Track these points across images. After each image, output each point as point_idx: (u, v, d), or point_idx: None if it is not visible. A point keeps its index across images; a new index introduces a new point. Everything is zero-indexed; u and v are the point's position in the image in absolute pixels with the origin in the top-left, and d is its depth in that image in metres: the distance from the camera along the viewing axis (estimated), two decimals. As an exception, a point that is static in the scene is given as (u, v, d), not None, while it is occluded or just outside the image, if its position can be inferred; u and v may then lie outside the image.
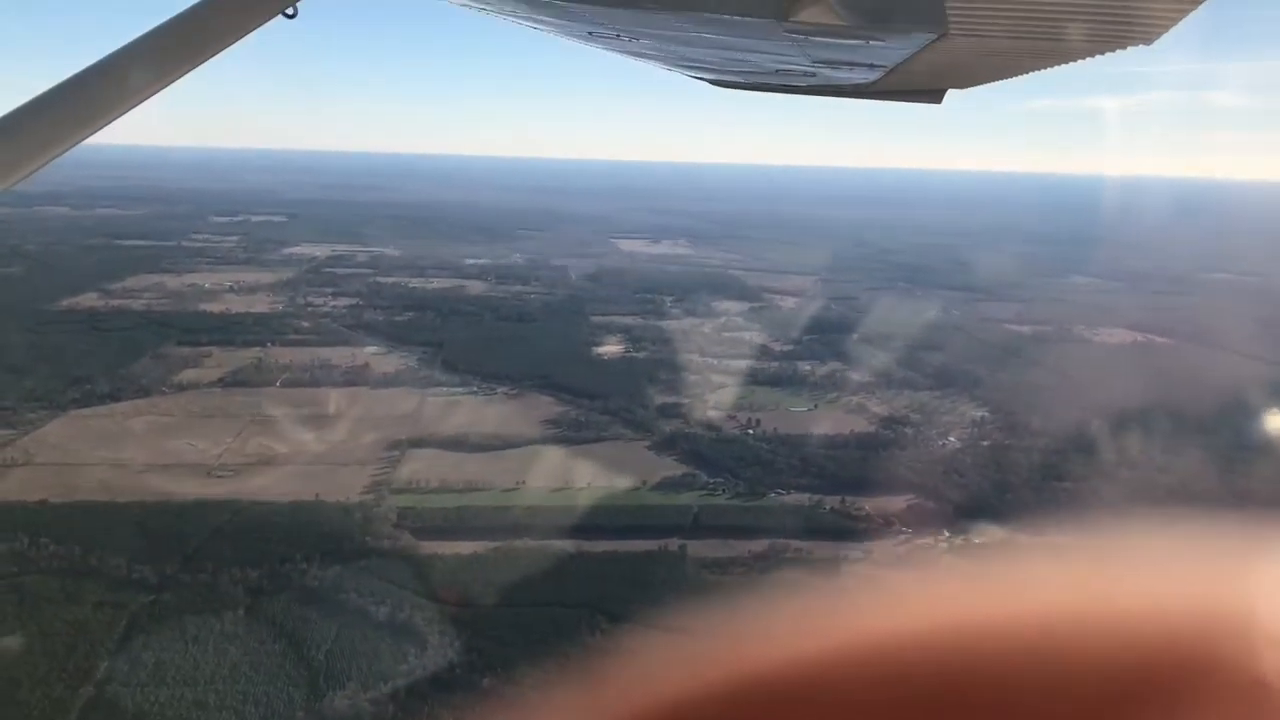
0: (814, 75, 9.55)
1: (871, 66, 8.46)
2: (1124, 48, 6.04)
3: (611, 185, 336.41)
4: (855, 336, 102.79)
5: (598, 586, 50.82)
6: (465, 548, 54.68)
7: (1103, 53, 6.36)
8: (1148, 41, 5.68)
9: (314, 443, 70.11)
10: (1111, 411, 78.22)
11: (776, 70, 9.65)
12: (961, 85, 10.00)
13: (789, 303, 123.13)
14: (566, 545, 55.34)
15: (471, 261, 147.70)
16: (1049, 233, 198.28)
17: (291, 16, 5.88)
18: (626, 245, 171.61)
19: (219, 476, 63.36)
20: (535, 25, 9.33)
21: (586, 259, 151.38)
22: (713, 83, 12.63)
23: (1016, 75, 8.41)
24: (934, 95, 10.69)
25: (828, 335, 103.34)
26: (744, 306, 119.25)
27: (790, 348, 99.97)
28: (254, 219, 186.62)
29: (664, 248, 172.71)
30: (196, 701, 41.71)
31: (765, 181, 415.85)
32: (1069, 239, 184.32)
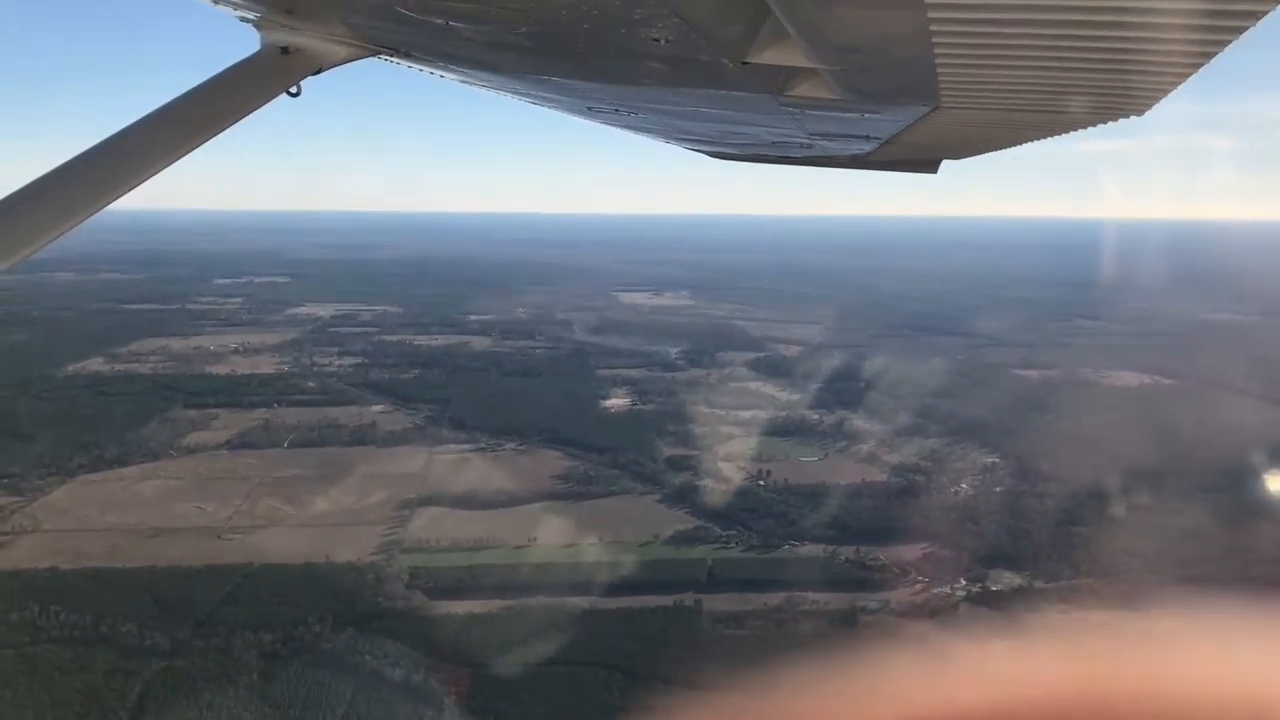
0: (810, 147, 9.63)
1: (867, 138, 8.54)
2: (1115, 119, 6.08)
3: (610, 239, 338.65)
4: (862, 385, 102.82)
5: (613, 643, 50.29)
6: (478, 607, 54.20)
7: (1095, 124, 6.41)
8: (1140, 112, 5.70)
9: (323, 503, 69.83)
10: (1124, 456, 77.99)
11: (773, 142, 9.73)
12: (955, 156, 10.09)
13: (794, 351, 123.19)
14: (580, 602, 54.81)
15: (475, 317, 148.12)
16: (1051, 277, 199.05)
17: (295, 95, 5.97)
18: (629, 298, 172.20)
19: (229, 540, 62.98)
20: (536, 101, 9.40)
21: (589, 312, 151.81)
22: (710, 154, 12.76)
23: (1010, 146, 8.47)
24: (929, 166, 10.80)
25: (834, 384, 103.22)
26: (749, 357, 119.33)
27: (797, 397, 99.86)
28: (257, 280, 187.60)
29: (666, 300, 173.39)
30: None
31: (764, 233, 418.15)
32: (1071, 283, 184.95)
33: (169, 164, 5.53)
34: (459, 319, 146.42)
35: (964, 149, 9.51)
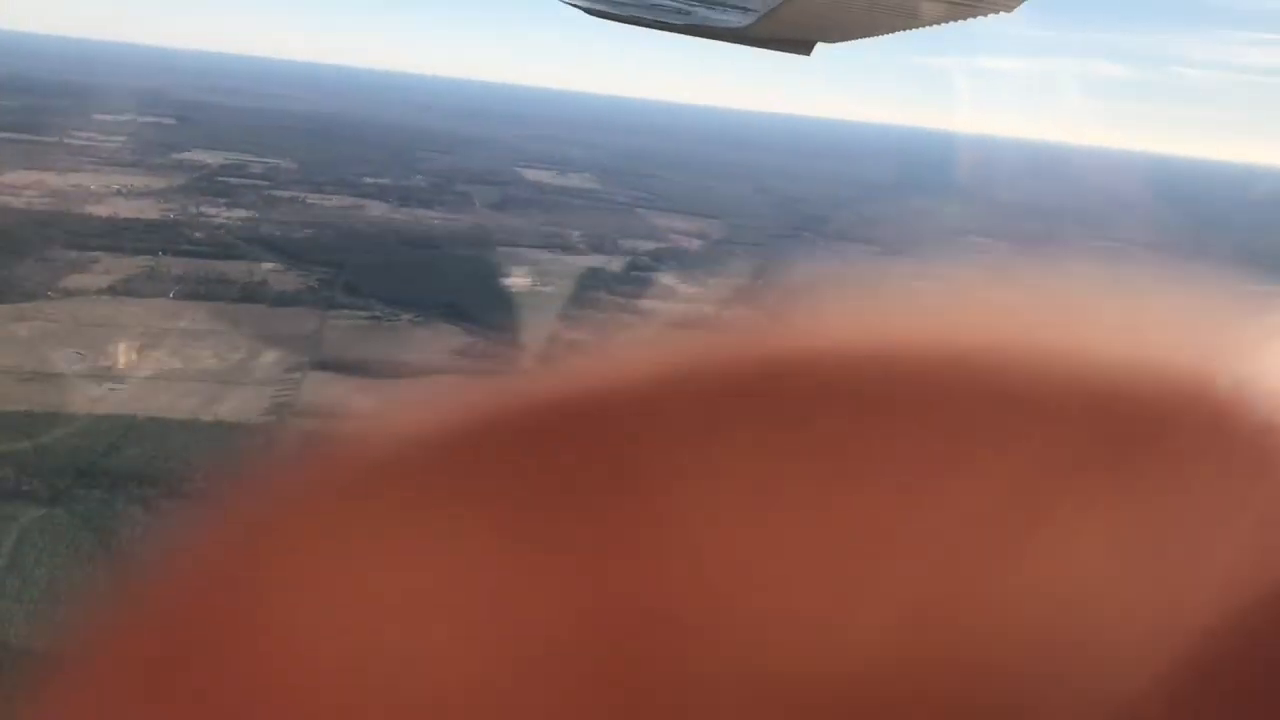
0: (689, 14, 9.71)
1: (744, 10, 8.61)
2: (984, 15, 6.28)
3: (517, 112, 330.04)
4: (757, 282, 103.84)
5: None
6: (371, 475, 54.16)
7: (964, 18, 6.60)
8: (1009, 8, 5.93)
9: (210, 359, 68.21)
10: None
11: (652, 4, 9.75)
12: (829, 39, 10.31)
13: (695, 244, 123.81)
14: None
15: (372, 180, 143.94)
16: (945, 190, 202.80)
17: None
18: (533, 175, 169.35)
19: (111, 390, 61.16)
20: None
21: (492, 186, 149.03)
22: (588, 11, 12.62)
23: (882, 33, 8.71)
24: (804, 46, 11.01)
25: (730, 280, 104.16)
26: (651, 245, 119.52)
27: (696, 290, 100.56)
28: (141, 120, 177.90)
29: (571, 180, 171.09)
30: (92, 620, 40.66)
31: (669, 119, 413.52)
32: (964, 199, 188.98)
33: None
34: (355, 180, 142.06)
35: (837, 33, 9.66)
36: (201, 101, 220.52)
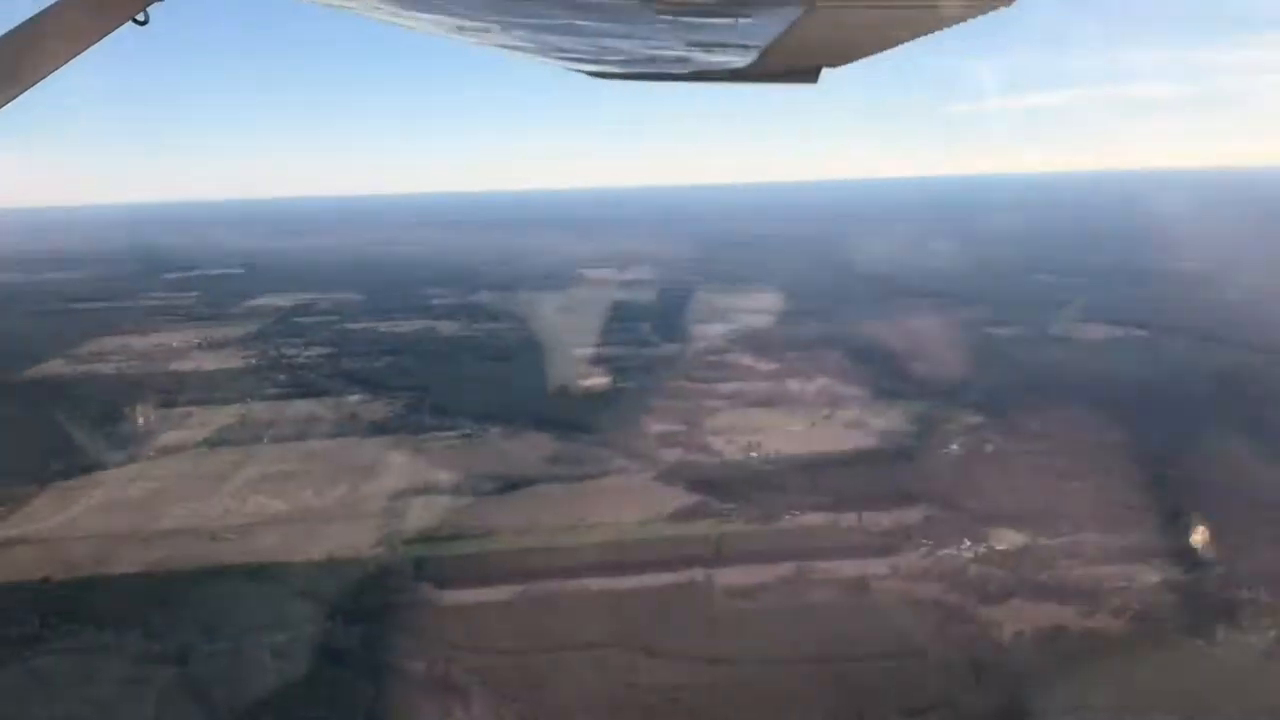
0: (688, 61, 9.57)
1: (745, 47, 8.50)
2: (987, 11, 6.11)
3: (560, 216, 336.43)
4: (836, 351, 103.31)
5: (631, 623, 50.02)
6: (489, 594, 53.47)
7: (968, 17, 6.46)
8: (1008, 2, 5.71)
9: (314, 498, 68.63)
10: (1108, 406, 79.23)
11: (650, 56, 9.62)
12: (835, 63, 10.02)
13: (763, 321, 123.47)
14: (591, 584, 54.43)
15: (438, 301, 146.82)
16: (1001, 235, 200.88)
17: (143, 23, 5.65)
18: (591, 275, 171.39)
19: (224, 540, 61.61)
20: (403, 21, 9.03)
21: (553, 291, 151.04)
22: (590, 74, 12.53)
23: (888, 48, 8.45)
24: (809, 75, 10.72)
25: (808, 352, 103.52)
26: (723, 329, 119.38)
27: (774, 367, 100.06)
28: (209, 273, 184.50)
29: (630, 274, 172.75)
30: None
31: (698, 203, 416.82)
32: (1021, 239, 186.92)
33: (10, 98, 5.11)
34: (422, 303, 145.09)
35: (843, 54, 9.49)
36: (262, 248, 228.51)
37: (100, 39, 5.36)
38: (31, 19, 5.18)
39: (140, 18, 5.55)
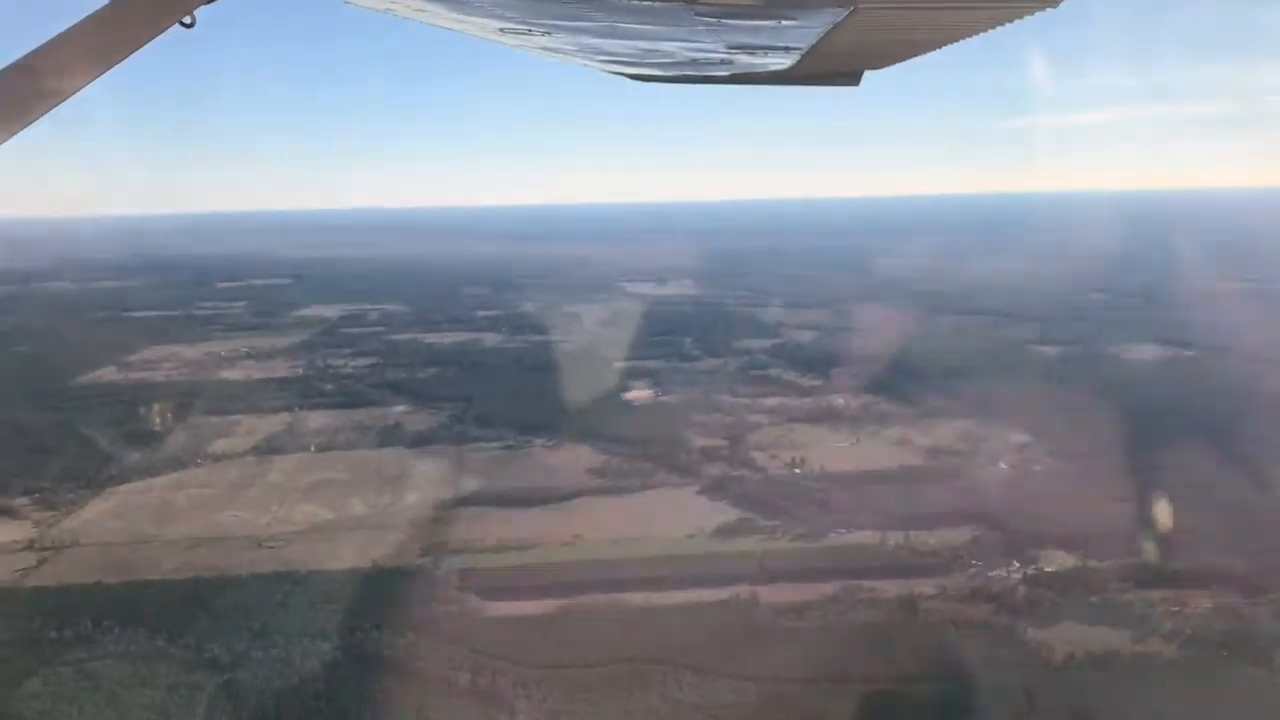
0: (731, 63, 9.56)
1: (787, 50, 8.51)
2: (1031, 13, 6.08)
3: (603, 230, 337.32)
4: (882, 367, 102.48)
5: (676, 639, 49.87)
6: (534, 607, 53.59)
7: (1010, 20, 6.43)
8: (1054, 4, 5.62)
9: (360, 507, 69.22)
10: (1157, 427, 78.00)
11: (693, 59, 9.63)
12: (877, 65, 10.04)
13: (808, 337, 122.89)
14: (635, 598, 54.39)
15: (483, 313, 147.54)
16: (1051, 252, 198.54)
17: (189, 26, 5.72)
18: (634, 288, 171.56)
19: (271, 547, 62.28)
20: (447, 24, 9.08)
21: (597, 304, 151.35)
22: (632, 77, 12.51)
23: (929, 50, 8.43)
24: (851, 78, 10.73)
25: (853, 368, 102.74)
26: (764, 344, 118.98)
27: (819, 382, 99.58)
28: (258, 283, 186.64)
29: (671, 289, 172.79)
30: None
31: (740, 217, 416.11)
32: (1073, 257, 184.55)
33: (56, 104, 5.19)
34: (467, 315, 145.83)
35: (884, 57, 9.52)
36: (311, 258, 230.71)
37: (146, 43, 5.47)
38: (78, 23, 5.28)
39: (187, 20, 5.65)
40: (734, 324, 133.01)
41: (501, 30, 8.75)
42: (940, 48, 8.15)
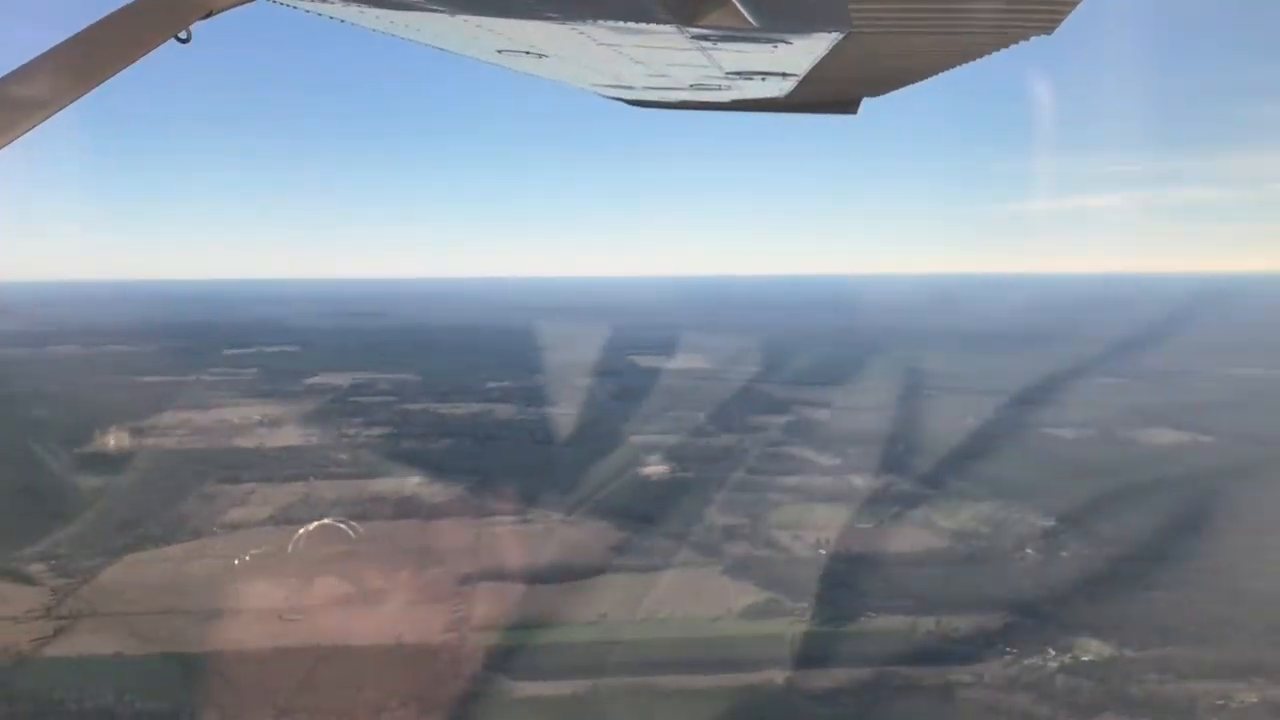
0: (729, 89, 9.64)
1: (784, 75, 8.59)
2: (1027, 38, 6.20)
3: (607, 304, 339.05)
4: (900, 447, 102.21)
5: (710, 724, 48.88)
6: (563, 687, 52.64)
7: (1006, 45, 6.54)
8: (1049, 30, 5.75)
9: (380, 580, 68.23)
10: (1179, 513, 77.52)
11: (691, 84, 9.71)
12: (874, 92, 10.16)
13: (823, 415, 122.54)
14: (666, 681, 53.43)
15: (494, 385, 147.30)
16: (1064, 334, 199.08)
17: (185, 41, 5.72)
18: (645, 362, 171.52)
19: (291, 620, 61.32)
20: (443, 46, 9.10)
21: (609, 377, 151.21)
22: (630, 102, 12.58)
23: (927, 77, 8.53)
24: (849, 106, 10.79)
25: (871, 447, 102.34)
26: (780, 420, 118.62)
27: (837, 461, 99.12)
28: (267, 350, 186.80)
29: (682, 362, 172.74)
30: None
31: (750, 291, 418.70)
32: (1086, 339, 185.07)
33: (46, 117, 5.08)
34: (478, 386, 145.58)
35: (881, 83, 9.66)
36: (317, 327, 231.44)
37: (141, 57, 5.44)
38: (77, 35, 5.25)
39: (183, 35, 5.63)
40: (747, 400, 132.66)
41: (499, 52, 8.79)
42: (936, 74, 8.33)
